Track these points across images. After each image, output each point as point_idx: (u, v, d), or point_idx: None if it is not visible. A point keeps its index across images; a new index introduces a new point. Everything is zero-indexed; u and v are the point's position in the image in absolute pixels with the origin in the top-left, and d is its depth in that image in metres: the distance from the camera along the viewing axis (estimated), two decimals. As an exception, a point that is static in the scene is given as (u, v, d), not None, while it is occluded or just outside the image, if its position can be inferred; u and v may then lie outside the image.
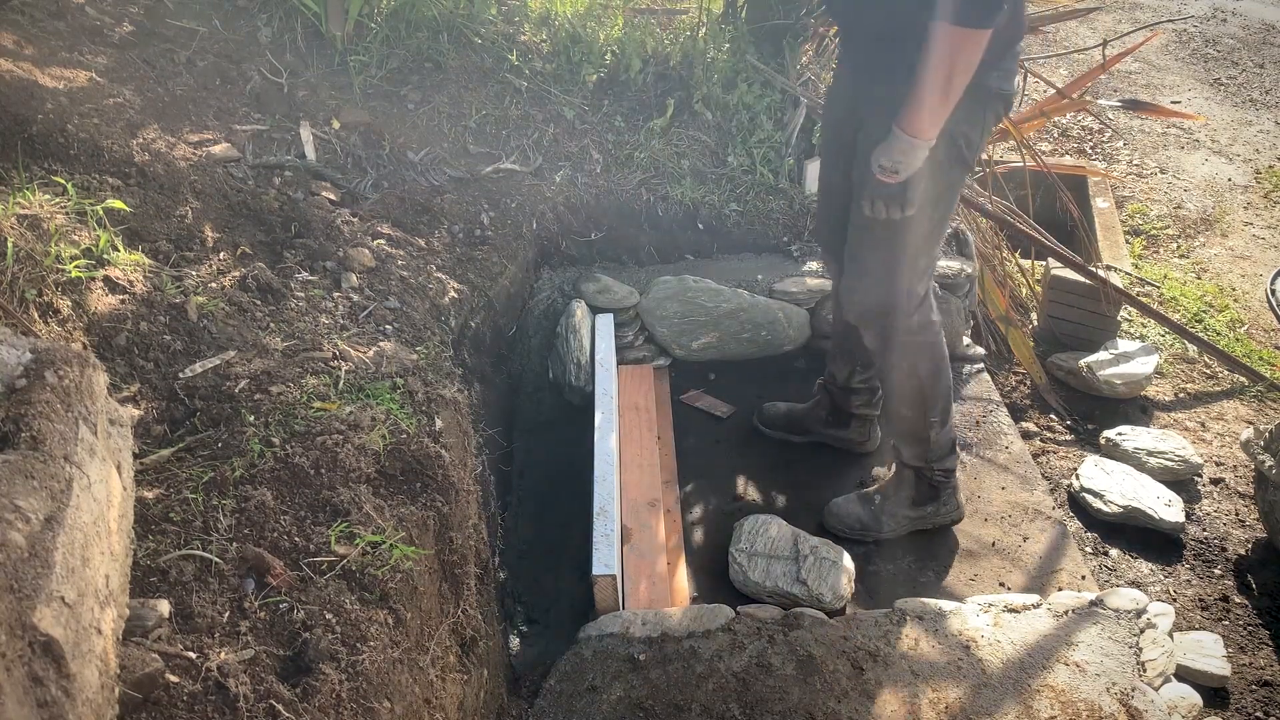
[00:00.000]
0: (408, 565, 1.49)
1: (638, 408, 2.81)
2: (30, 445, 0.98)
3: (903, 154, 1.91)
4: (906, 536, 2.45)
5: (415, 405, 1.87)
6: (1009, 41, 1.95)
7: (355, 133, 2.96)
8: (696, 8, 3.76)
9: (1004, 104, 2.04)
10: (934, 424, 2.33)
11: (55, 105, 2.16)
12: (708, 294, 2.99)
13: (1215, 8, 6.71)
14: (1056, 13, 3.68)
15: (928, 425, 2.33)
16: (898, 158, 1.92)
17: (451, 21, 3.34)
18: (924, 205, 2.03)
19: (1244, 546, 2.57)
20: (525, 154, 3.19)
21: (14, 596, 0.84)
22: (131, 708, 1.09)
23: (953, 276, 3.03)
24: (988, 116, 2.02)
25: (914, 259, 2.14)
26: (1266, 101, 5.47)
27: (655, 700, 1.90)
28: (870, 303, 2.19)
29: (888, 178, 1.96)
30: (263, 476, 1.53)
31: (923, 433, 2.34)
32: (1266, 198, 4.56)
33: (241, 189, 2.41)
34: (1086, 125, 5.29)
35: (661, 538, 2.38)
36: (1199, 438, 3.00)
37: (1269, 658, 2.24)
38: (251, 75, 2.90)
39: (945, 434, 2.37)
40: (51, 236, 1.74)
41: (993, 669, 1.96)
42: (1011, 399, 3.18)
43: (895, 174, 1.94)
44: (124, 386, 1.67)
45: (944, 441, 2.37)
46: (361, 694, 1.26)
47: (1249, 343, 3.53)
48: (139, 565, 1.30)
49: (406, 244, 2.59)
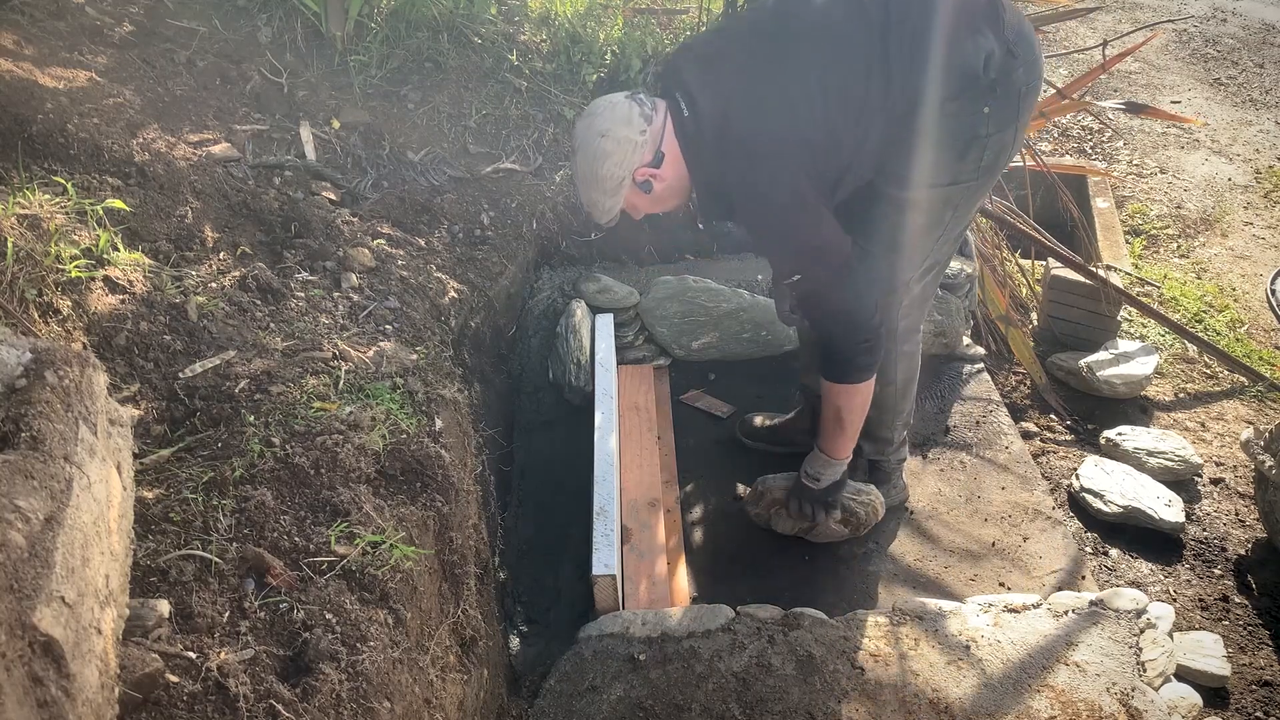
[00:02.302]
0: (408, 565, 1.49)
1: (638, 408, 2.81)
2: (30, 445, 0.98)
3: (824, 468, 2.26)
4: (907, 537, 2.45)
5: (415, 405, 1.87)
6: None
7: (355, 133, 2.96)
8: (696, 8, 3.76)
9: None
10: (897, 426, 2.41)
11: (55, 105, 2.16)
12: (708, 294, 2.98)
13: (1215, 8, 6.71)
14: (1056, 13, 3.67)
15: (892, 428, 2.40)
16: (821, 470, 2.26)
17: (451, 21, 3.34)
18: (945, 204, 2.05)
19: (1244, 546, 2.57)
20: (525, 154, 3.19)
21: (14, 596, 0.84)
22: (131, 708, 1.08)
23: (953, 276, 3.03)
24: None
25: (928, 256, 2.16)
26: (1266, 101, 5.47)
27: (655, 700, 1.90)
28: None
29: (811, 484, 2.29)
30: (263, 476, 1.53)
31: (886, 433, 2.42)
32: (1266, 198, 4.56)
33: (241, 189, 2.41)
34: (1086, 125, 5.29)
35: (661, 538, 2.38)
36: (1199, 438, 3.00)
37: (1269, 658, 2.24)
38: (251, 75, 2.90)
39: (905, 432, 2.45)
40: (51, 236, 1.74)
41: (993, 669, 1.96)
42: (1011, 399, 3.18)
43: (817, 482, 2.28)
44: (124, 386, 1.67)
45: (902, 439, 2.46)
46: (361, 694, 1.26)
47: (1249, 343, 3.53)
48: (139, 565, 1.30)
49: (406, 244, 2.59)
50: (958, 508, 2.54)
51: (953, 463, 2.69)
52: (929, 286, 2.27)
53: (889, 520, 2.50)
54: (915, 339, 2.34)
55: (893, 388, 2.33)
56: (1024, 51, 1.94)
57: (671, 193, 1.99)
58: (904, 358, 2.31)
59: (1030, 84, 1.98)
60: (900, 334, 2.26)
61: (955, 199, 2.05)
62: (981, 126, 1.94)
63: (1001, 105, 1.95)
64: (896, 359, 2.29)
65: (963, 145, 1.96)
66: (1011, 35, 1.92)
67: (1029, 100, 2.01)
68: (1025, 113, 2.01)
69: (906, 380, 2.36)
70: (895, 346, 2.27)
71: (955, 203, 2.07)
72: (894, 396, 2.35)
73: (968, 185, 2.04)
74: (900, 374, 2.33)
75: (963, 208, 2.10)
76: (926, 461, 2.70)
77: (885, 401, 2.34)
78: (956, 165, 1.99)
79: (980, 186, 2.08)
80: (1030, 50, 1.96)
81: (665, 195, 1.98)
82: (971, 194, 2.08)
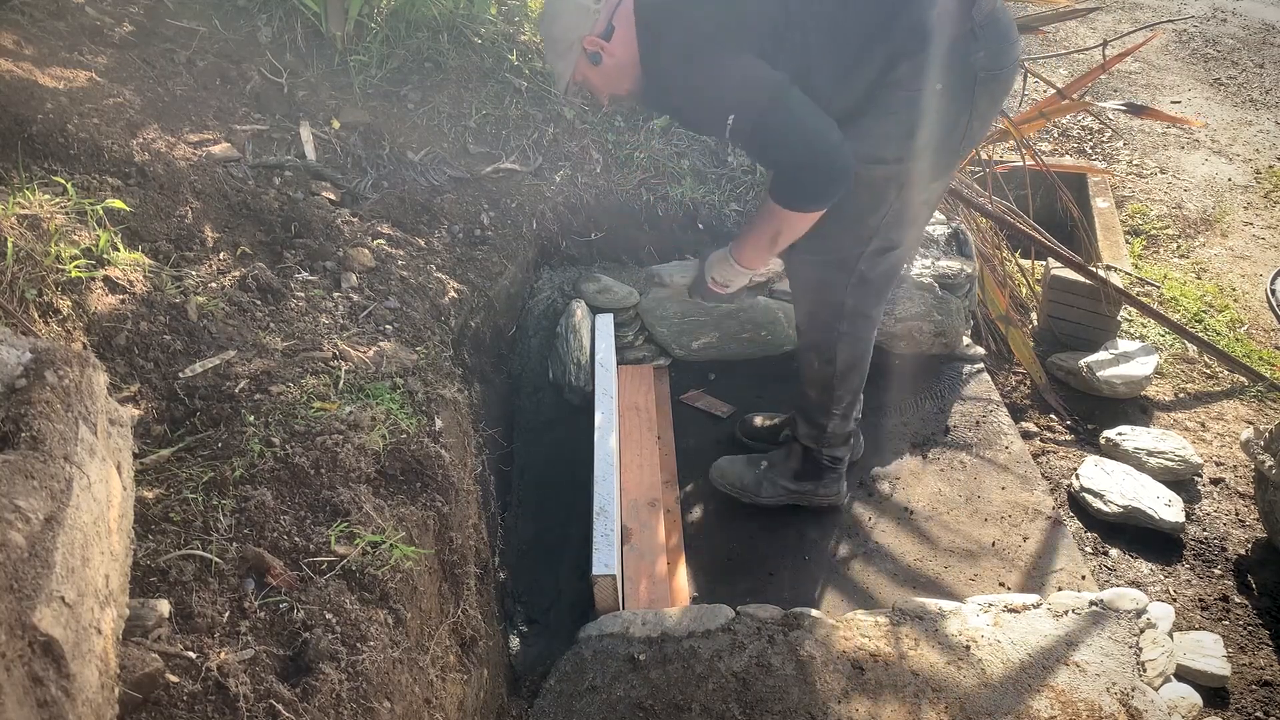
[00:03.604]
0: (408, 565, 1.49)
1: (638, 408, 2.81)
2: (30, 445, 0.98)
3: (732, 275, 2.22)
4: (907, 537, 2.45)
5: (415, 405, 1.87)
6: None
7: (355, 133, 2.96)
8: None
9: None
10: (835, 415, 2.37)
11: (55, 105, 2.16)
12: (708, 294, 2.98)
13: (1215, 8, 6.71)
14: (1056, 13, 3.67)
15: (828, 414, 2.36)
16: (728, 275, 2.23)
17: (451, 21, 3.34)
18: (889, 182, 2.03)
19: (1244, 546, 2.57)
20: (525, 154, 3.19)
21: (14, 596, 0.84)
22: (131, 708, 1.09)
23: (953, 276, 3.03)
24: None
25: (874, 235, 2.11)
26: (1266, 101, 5.47)
27: (655, 700, 1.90)
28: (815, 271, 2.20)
29: (718, 289, 2.27)
30: (263, 476, 1.53)
31: (821, 419, 2.38)
32: (1266, 198, 4.56)
33: (241, 189, 2.41)
34: (1086, 125, 5.29)
35: (661, 538, 2.38)
36: (1199, 438, 3.00)
37: (1269, 658, 2.24)
38: (251, 75, 2.90)
39: (844, 425, 2.41)
40: (51, 236, 1.74)
41: (992, 669, 1.96)
42: (1011, 399, 3.18)
43: (725, 287, 2.26)
44: (124, 386, 1.67)
45: (840, 432, 2.41)
46: (361, 694, 1.26)
47: (1249, 343, 3.53)
48: (139, 565, 1.30)
49: (406, 244, 2.59)
50: (958, 508, 2.54)
51: (953, 463, 2.69)
52: (884, 275, 2.20)
53: (889, 520, 2.51)
54: (861, 325, 2.25)
55: (832, 368, 2.28)
56: (990, 38, 1.92)
57: (622, 72, 2.02)
58: (845, 339, 2.24)
59: (992, 72, 1.95)
60: (847, 311, 2.21)
61: (901, 178, 2.02)
62: (931, 104, 1.92)
63: (955, 84, 1.92)
64: (838, 338, 2.25)
65: (911, 122, 1.94)
66: (981, 19, 1.90)
67: (989, 89, 1.97)
68: (982, 99, 1.97)
69: (848, 366, 2.29)
70: (838, 323, 2.23)
71: (901, 182, 2.03)
72: (832, 377, 2.30)
73: (913, 165, 2.00)
74: (841, 355, 2.26)
75: (908, 190, 2.05)
76: (926, 461, 2.70)
77: (822, 380, 2.32)
78: (905, 142, 1.97)
79: (930, 169, 2.04)
80: (999, 39, 1.93)
81: (614, 73, 2.02)
82: (919, 176, 2.04)
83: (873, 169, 1.99)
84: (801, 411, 2.43)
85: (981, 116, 2.02)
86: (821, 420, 2.38)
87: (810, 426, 2.41)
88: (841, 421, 2.39)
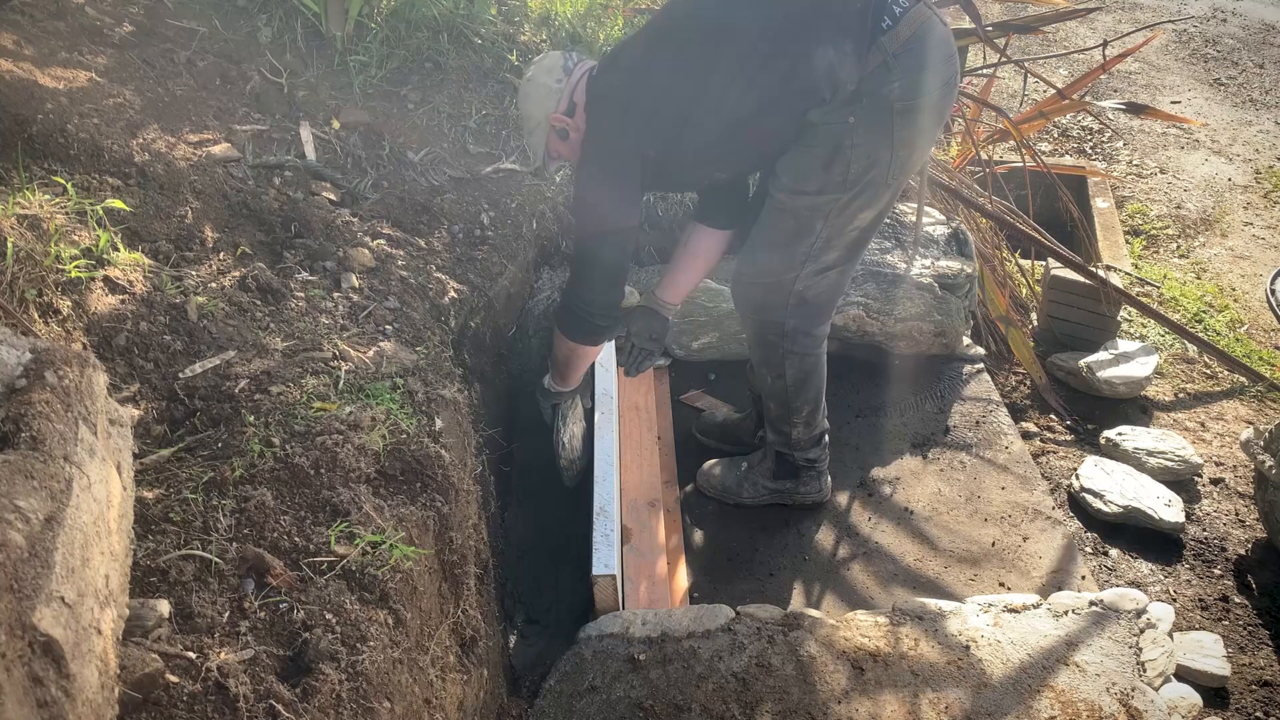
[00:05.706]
0: (408, 565, 1.49)
1: (638, 408, 2.81)
2: (30, 445, 0.98)
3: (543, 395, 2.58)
4: (907, 537, 2.45)
5: (415, 405, 1.87)
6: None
7: (355, 133, 2.96)
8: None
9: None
10: (797, 424, 2.41)
11: (55, 105, 2.16)
12: (708, 294, 2.99)
13: (1215, 8, 6.71)
14: (1056, 13, 3.68)
15: (791, 424, 2.41)
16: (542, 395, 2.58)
17: (451, 21, 3.34)
18: (814, 212, 2.09)
19: (1244, 546, 2.57)
20: (525, 154, 3.19)
21: (14, 596, 0.84)
22: (131, 708, 1.08)
23: (953, 276, 3.03)
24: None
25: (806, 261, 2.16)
26: (1266, 101, 5.47)
27: (655, 700, 1.90)
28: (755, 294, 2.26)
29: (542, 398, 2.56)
30: (263, 476, 1.53)
31: (785, 428, 2.43)
32: (1266, 198, 4.56)
33: (241, 189, 2.41)
34: (1086, 125, 5.29)
35: (661, 538, 2.38)
36: (1199, 438, 3.00)
37: (1269, 658, 2.24)
38: (251, 75, 2.90)
39: (808, 431, 2.44)
40: (51, 236, 1.74)
41: (992, 669, 1.96)
42: (1011, 399, 3.18)
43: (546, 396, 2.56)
44: (124, 386, 1.67)
45: (807, 438, 2.45)
46: (361, 694, 1.26)
47: (1249, 343, 3.53)
48: (139, 565, 1.30)
49: (406, 244, 2.59)
50: (958, 508, 2.54)
51: (953, 463, 2.69)
52: (824, 294, 2.25)
53: (889, 520, 2.51)
54: (805, 342, 2.29)
55: (782, 382, 2.33)
56: (906, 69, 1.91)
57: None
58: (791, 356, 2.29)
59: (909, 102, 1.94)
60: (788, 332, 2.26)
61: (825, 208, 2.06)
62: (846, 137, 1.95)
63: (868, 117, 1.93)
64: (784, 355, 2.29)
65: (828, 155, 1.99)
66: (893, 47, 1.90)
67: (911, 119, 1.96)
68: (905, 129, 1.97)
69: (799, 381, 2.33)
70: (781, 342, 2.28)
71: (826, 212, 2.07)
72: (785, 390, 2.34)
73: (836, 197, 2.04)
74: (790, 371, 2.31)
75: (836, 219, 2.08)
76: (926, 461, 2.70)
77: (777, 393, 2.37)
78: (823, 174, 2.01)
79: (855, 200, 2.05)
80: (915, 69, 1.92)
81: (580, 146, 2.17)
82: (844, 207, 2.06)
83: (796, 199, 2.08)
84: (768, 421, 2.48)
85: (907, 145, 2.00)
86: (785, 429, 2.44)
87: (777, 434, 2.47)
88: (805, 429, 2.43)
